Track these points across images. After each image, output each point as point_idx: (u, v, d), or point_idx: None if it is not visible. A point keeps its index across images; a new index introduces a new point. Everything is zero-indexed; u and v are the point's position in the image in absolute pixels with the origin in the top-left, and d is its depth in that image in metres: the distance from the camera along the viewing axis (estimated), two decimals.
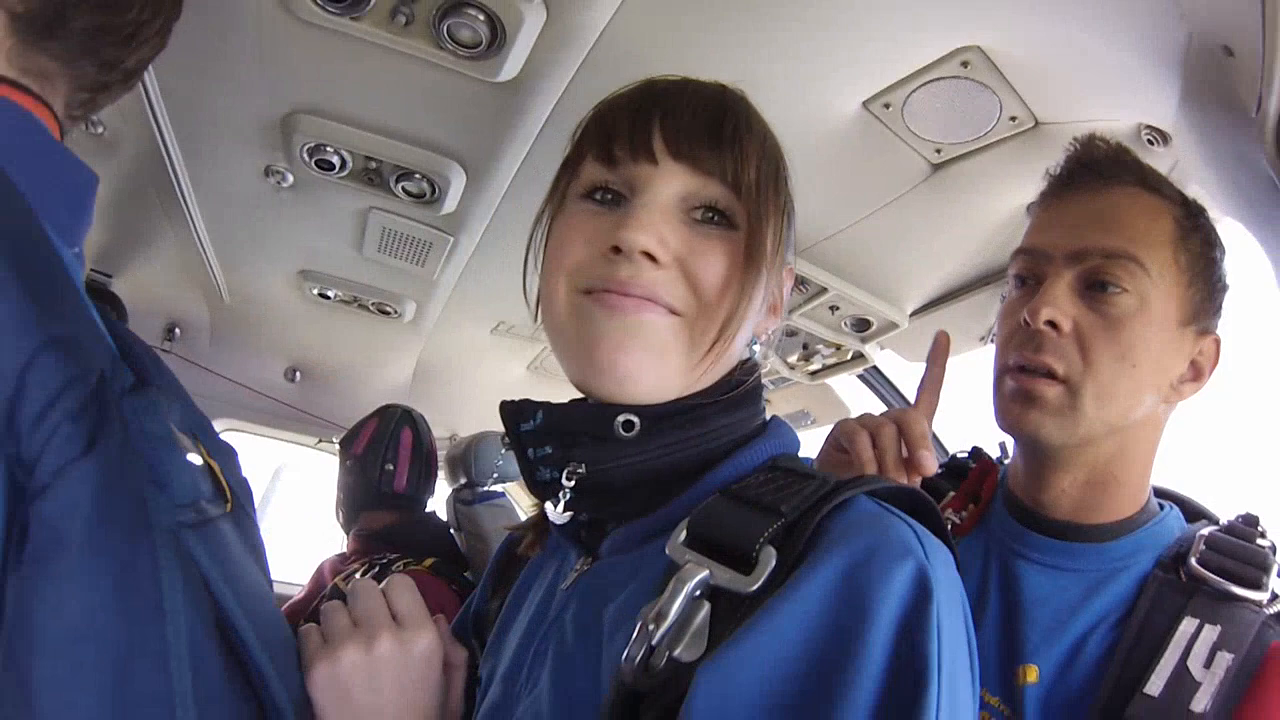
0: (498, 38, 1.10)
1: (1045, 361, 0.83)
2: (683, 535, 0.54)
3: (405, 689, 0.65)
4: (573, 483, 0.61)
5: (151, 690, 0.46)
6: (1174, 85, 0.96)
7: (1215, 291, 0.86)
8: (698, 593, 0.49)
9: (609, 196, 0.63)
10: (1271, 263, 0.94)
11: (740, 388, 0.66)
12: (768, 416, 0.70)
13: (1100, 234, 0.83)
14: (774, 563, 0.49)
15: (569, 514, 0.65)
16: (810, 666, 0.45)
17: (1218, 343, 0.86)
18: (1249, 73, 0.77)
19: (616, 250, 0.59)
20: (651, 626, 0.48)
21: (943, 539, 0.53)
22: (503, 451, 2.21)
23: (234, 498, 0.62)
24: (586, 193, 0.64)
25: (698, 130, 0.62)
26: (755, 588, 0.48)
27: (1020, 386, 0.85)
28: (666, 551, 0.54)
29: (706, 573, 0.50)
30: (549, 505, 0.67)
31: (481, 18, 1.07)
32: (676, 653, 0.48)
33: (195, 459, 0.57)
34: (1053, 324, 0.82)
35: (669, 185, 0.61)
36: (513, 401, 0.67)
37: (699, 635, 0.48)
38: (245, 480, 0.68)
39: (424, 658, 0.67)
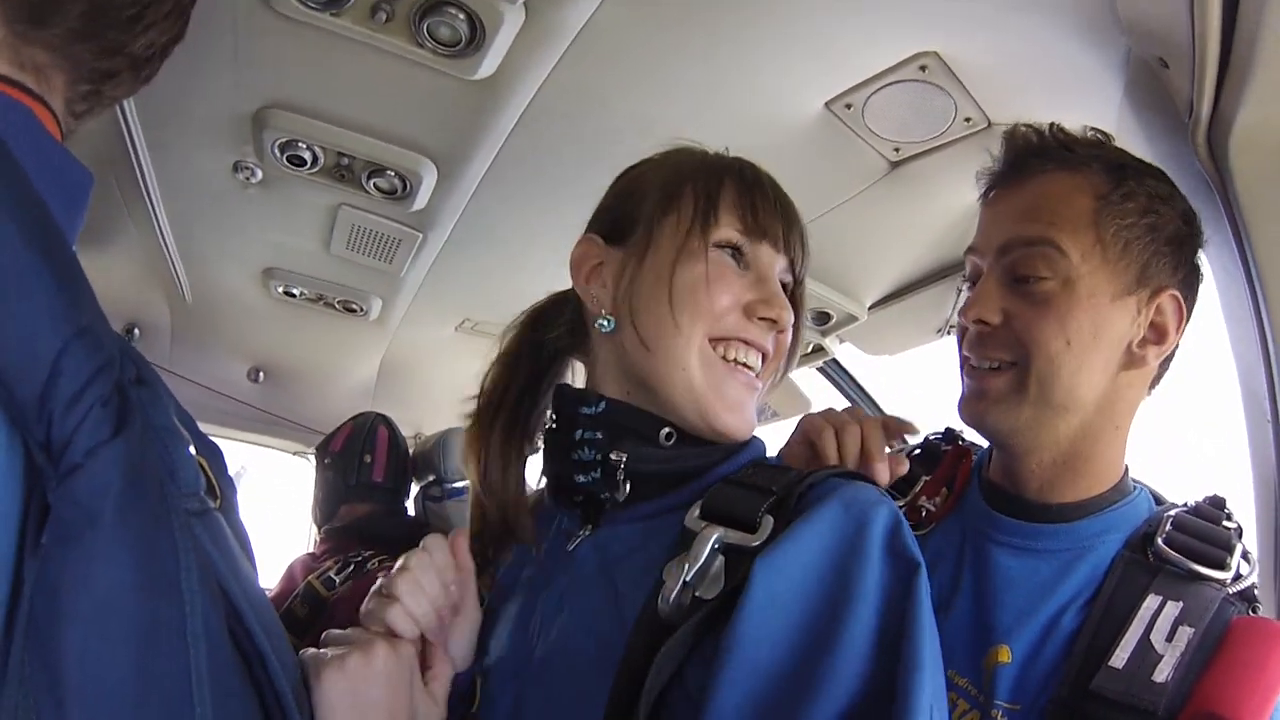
0: (477, 36, 1.12)
1: (988, 354, 0.86)
2: (697, 511, 0.69)
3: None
4: (615, 466, 0.76)
5: (171, 663, 0.47)
6: (1115, 91, 1.02)
7: (1163, 251, 0.85)
8: (716, 547, 0.65)
9: (741, 260, 0.78)
10: (1205, 254, 1.01)
11: None
12: None
13: (1020, 225, 0.86)
14: (772, 525, 0.65)
15: (584, 487, 0.79)
16: (829, 564, 0.62)
17: (1176, 299, 0.85)
18: (1182, 83, 0.83)
19: (763, 319, 0.77)
20: (686, 568, 0.63)
21: None
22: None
23: (222, 494, 0.63)
24: (721, 244, 0.77)
25: (799, 238, 0.82)
26: (759, 542, 0.63)
27: (971, 383, 0.89)
28: (685, 524, 0.69)
29: (721, 531, 0.65)
30: (579, 476, 0.79)
31: (461, 16, 1.08)
32: (699, 592, 0.63)
33: (193, 451, 0.59)
34: (983, 321, 0.86)
35: (777, 268, 0.80)
36: (576, 387, 0.84)
37: (716, 579, 0.64)
38: (231, 479, 0.69)
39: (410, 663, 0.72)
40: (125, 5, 0.60)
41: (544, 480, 0.87)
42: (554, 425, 0.82)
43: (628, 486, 0.76)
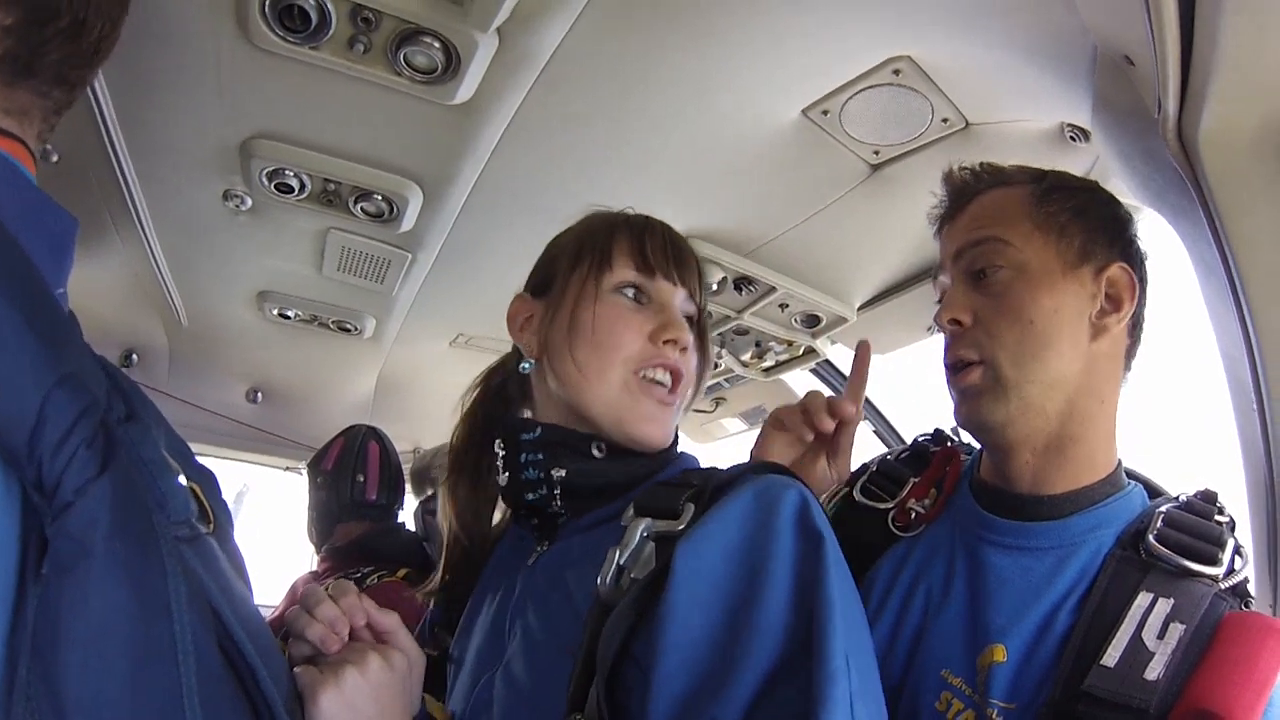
0: (452, 63, 1.13)
1: (962, 354, 0.90)
2: (631, 510, 0.76)
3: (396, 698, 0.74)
4: (558, 483, 0.86)
5: (163, 678, 0.50)
6: (1087, 89, 1.03)
7: (1098, 229, 0.90)
8: (646, 534, 0.73)
9: (642, 297, 0.90)
10: (1185, 247, 1.02)
11: None
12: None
13: (967, 234, 0.94)
14: (693, 511, 0.72)
15: (535, 505, 0.88)
16: (743, 539, 0.69)
17: (1126, 269, 0.89)
18: (1148, 79, 0.84)
19: (667, 341, 0.87)
20: (619, 552, 0.72)
21: None
22: None
23: (216, 519, 0.65)
24: (619, 287, 0.89)
25: (693, 271, 0.93)
26: (682, 526, 0.71)
27: (956, 385, 0.91)
28: (621, 522, 0.76)
29: (649, 520, 0.73)
30: (528, 495, 0.88)
31: (436, 45, 1.10)
32: (634, 574, 0.71)
33: (184, 480, 0.61)
34: (956, 321, 0.91)
35: (677, 299, 0.91)
36: (519, 417, 0.94)
37: (648, 562, 0.71)
38: (225, 503, 0.71)
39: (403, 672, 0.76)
40: (88, 46, 0.63)
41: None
42: (503, 454, 0.91)
43: (558, 495, 0.86)
